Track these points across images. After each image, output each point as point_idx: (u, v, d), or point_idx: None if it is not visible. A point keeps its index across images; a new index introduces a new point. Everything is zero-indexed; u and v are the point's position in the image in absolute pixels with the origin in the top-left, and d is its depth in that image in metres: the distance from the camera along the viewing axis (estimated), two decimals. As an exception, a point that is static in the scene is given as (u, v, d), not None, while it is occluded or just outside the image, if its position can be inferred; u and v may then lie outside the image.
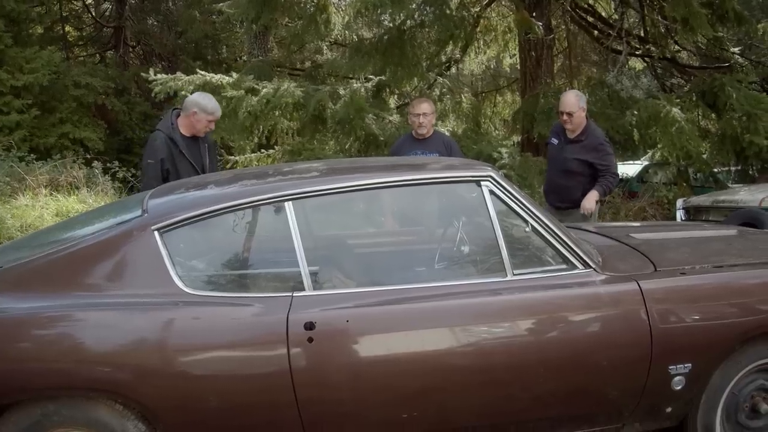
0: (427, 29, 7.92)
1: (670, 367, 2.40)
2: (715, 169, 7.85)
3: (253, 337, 2.17)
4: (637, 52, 8.57)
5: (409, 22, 8.00)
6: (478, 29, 9.62)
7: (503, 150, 7.34)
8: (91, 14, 15.36)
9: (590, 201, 4.20)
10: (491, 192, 2.38)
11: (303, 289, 2.22)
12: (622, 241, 2.93)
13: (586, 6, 8.98)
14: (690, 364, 2.42)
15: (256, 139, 8.02)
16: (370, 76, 8.18)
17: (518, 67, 12.63)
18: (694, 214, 6.53)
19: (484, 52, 11.43)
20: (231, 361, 2.16)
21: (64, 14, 14.22)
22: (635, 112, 7.44)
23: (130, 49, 14.50)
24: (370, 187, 2.34)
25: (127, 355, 2.12)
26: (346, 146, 7.94)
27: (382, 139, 7.43)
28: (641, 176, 9.26)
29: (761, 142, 6.78)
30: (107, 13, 15.53)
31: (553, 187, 4.57)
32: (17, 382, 2.10)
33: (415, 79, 8.17)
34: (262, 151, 8.27)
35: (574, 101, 4.35)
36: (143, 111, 12.80)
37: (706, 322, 2.43)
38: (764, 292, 2.51)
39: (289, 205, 2.27)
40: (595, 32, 8.96)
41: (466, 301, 2.29)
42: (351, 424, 2.22)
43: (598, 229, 3.24)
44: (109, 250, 2.25)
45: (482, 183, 2.39)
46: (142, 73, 7.72)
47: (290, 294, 2.21)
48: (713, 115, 7.47)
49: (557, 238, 2.41)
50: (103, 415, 2.16)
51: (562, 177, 4.43)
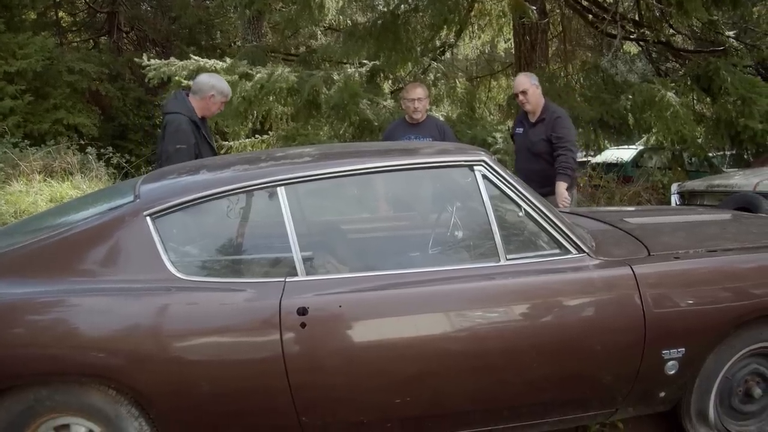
0: (421, 14, 7.85)
1: (664, 352, 2.40)
2: (710, 154, 7.82)
3: (246, 323, 2.15)
4: (632, 36, 8.50)
5: (403, 6, 7.93)
6: (473, 13, 9.54)
7: (498, 135, 7.30)
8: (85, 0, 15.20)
9: (562, 194, 4.04)
10: (484, 177, 2.36)
11: (296, 275, 2.20)
12: (616, 226, 2.91)
13: (581, -10, 8.92)
14: (683, 349, 2.41)
15: (250, 125, 7.96)
16: (365, 61, 8.13)
17: (513, 51, 12.62)
18: (689, 198, 6.52)
19: (479, 37, 11.34)
20: (224, 347, 2.14)
21: (57, 0, 14.07)
22: (630, 97, 7.41)
23: (124, 35, 14.36)
24: (363, 172, 2.31)
25: (120, 341, 2.10)
26: (341, 131, 7.90)
27: (376, 124, 7.39)
28: (636, 161, 9.25)
29: (756, 126, 6.76)
30: (100, -1, 15.37)
31: (527, 175, 4.40)
32: (10, 368, 2.08)
33: (410, 63, 8.11)
34: (256, 136, 8.22)
35: (525, 80, 4.37)
36: (137, 97, 12.71)
37: (699, 306, 2.43)
38: (759, 276, 2.50)
39: (281, 191, 2.25)
40: (590, 16, 8.89)
41: (460, 286, 2.27)
42: (344, 409, 2.21)
43: (592, 214, 3.22)
44: (102, 236, 2.22)
45: (475, 168, 2.37)
46: (136, 59, 7.64)
47: (283, 279, 2.19)
48: (708, 99, 7.43)
49: (550, 223, 2.40)
50: (96, 401, 2.16)
51: (532, 161, 4.33)
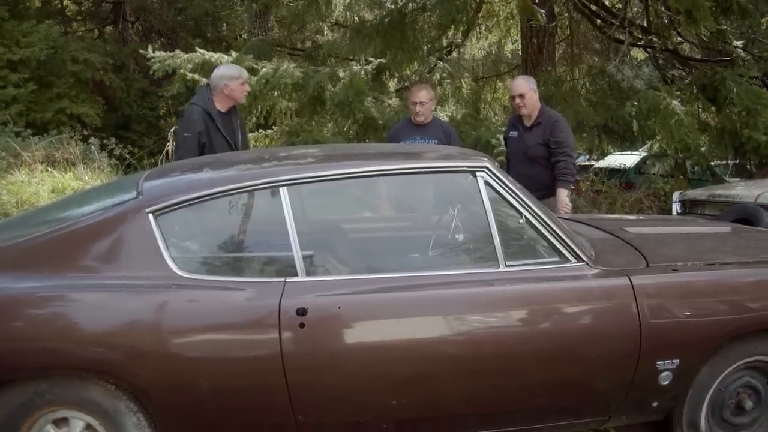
0: (429, 13, 7.87)
1: (658, 363, 2.43)
2: (712, 163, 7.84)
3: (245, 322, 2.18)
4: (640, 43, 8.51)
5: (411, 5, 7.94)
6: (480, 14, 9.55)
7: (501, 136, 7.32)
8: (91, -12, 15.20)
9: (563, 200, 4.05)
10: (486, 183, 2.39)
11: (296, 275, 2.23)
12: (616, 235, 2.94)
13: (590, -6, 8.93)
14: (678, 360, 2.44)
15: (254, 119, 7.98)
16: (371, 59, 8.15)
17: (519, 53, 12.63)
18: (690, 207, 6.53)
19: (486, 38, 11.35)
20: (223, 345, 2.17)
21: (63, -12, 14.10)
22: (635, 103, 7.44)
23: (129, 25, 14.37)
24: (366, 174, 2.33)
25: (120, 337, 2.13)
26: (345, 128, 7.93)
27: (381, 122, 7.42)
28: (639, 167, 9.26)
29: (759, 138, 6.77)
30: (107, -12, 15.37)
31: (522, 179, 4.45)
32: (11, 361, 2.11)
33: (416, 63, 8.12)
34: (260, 131, 8.24)
35: (523, 83, 4.34)
36: (141, 87, 12.73)
37: (696, 318, 2.45)
38: (755, 290, 2.52)
39: (284, 191, 2.28)
40: (598, 21, 8.90)
41: (458, 291, 2.30)
42: (340, 409, 2.24)
43: (592, 222, 3.25)
44: (104, 232, 2.25)
45: (477, 174, 2.39)
46: (141, 50, 7.66)
47: (283, 279, 2.22)
48: (713, 109, 7.44)
49: (550, 231, 2.42)
50: (96, 395, 2.18)
51: (527, 165, 4.29)
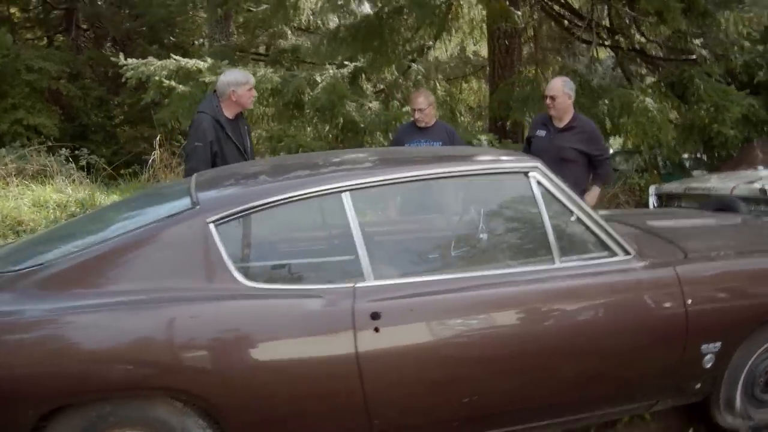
0: (405, 16, 7.96)
1: (702, 347, 2.56)
2: (685, 156, 8.18)
3: (320, 329, 2.18)
4: (606, 43, 8.81)
5: (386, 8, 8.02)
6: (450, 16, 9.71)
7: (482, 137, 7.47)
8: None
9: (593, 198, 4.29)
10: (538, 183, 2.47)
11: (364, 279, 2.25)
12: (643, 229, 3.07)
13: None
14: (720, 343, 2.58)
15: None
16: (346, 62, 8.18)
17: (482, 54, 12.86)
18: (667, 201, 6.80)
19: (449, 40, 11.52)
20: (298, 353, 2.16)
21: (8, -6, 13.58)
22: (607, 102, 7.70)
23: (82, 32, 13.93)
24: (425, 178, 2.38)
25: (190, 351, 2.10)
26: (324, 133, 7.93)
27: (362, 125, 7.47)
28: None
29: (728, 132, 7.12)
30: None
31: None
32: (72, 383, 2.04)
33: (394, 66, 8.20)
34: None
35: (559, 85, 4.42)
36: (99, 96, 12.37)
37: (734, 303, 2.61)
38: None
39: (346, 196, 2.30)
40: (566, 22, 9.16)
41: (521, 288, 2.37)
42: (415, 411, 2.27)
43: (616, 217, 3.37)
44: (163, 244, 2.21)
45: (530, 174, 2.47)
46: (112, 58, 7.48)
47: (352, 285, 2.23)
48: (681, 105, 7.76)
49: (600, 227, 2.52)
50: (162, 414, 2.14)
51: (558, 166, 4.45)
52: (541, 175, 2.48)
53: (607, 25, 9.18)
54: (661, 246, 2.78)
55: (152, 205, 2.56)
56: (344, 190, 2.30)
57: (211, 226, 2.22)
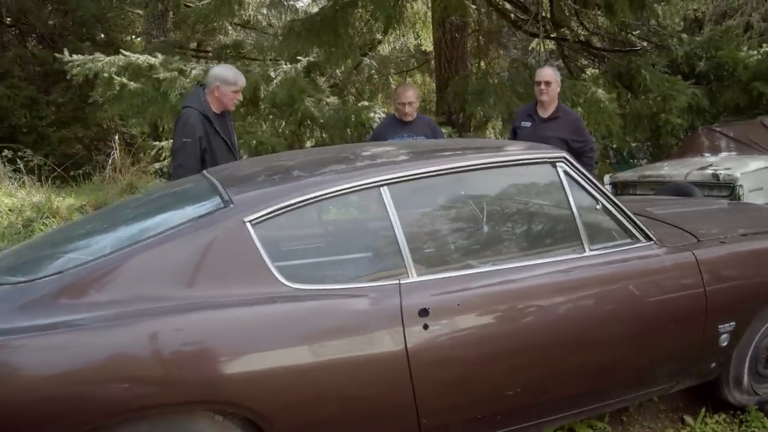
0: (360, 9, 7.88)
1: (720, 326, 2.67)
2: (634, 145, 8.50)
3: (368, 328, 2.11)
4: (553, 35, 9.01)
5: (341, 0, 7.91)
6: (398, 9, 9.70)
7: (444, 130, 7.49)
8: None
9: None
10: (565, 172, 2.49)
11: (408, 276, 2.20)
12: (647, 216, 3.14)
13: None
14: (734, 322, 2.69)
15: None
16: (299, 57, 8.03)
17: (423, 48, 12.93)
18: (622, 189, 7.05)
19: (401, 33, 11.53)
20: (346, 354, 2.09)
21: None
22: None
23: (6, 29, 13.07)
24: (462, 169, 2.37)
25: (234, 360, 1.98)
26: (280, 129, 7.76)
27: (322, 121, 7.35)
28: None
29: (675, 121, 7.45)
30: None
31: None
32: (107, 404, 1.86)
33: (349, 60, 8.11)
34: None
35: (551, 72, 4.53)
36: (29, 95, 11.66)
37: (744, 283, 2.73)
38: None
39: (385, 190, 2.24)
40: (512, 15, 9.31)
41: (559, 278, 2.39)
42: (464, 407, 2.25)
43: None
44: (197, 246, 2.07)
45: (557, 164, 2.49)
46: (57, 54, 7.06)
47: (397, 281, 2.18)
48: (627, 95, 8.04)
49: (624, 214, 2.57)
50: (203, 428, 2.01)
51: None
52: (568, 165, 2.50)
53: (547, 16, 9.39)
54: (672, 231, 2.86)
55: (175, 206, 2.42)
56: (383, 184, 2.24)
57: (249, 226, 2.11)
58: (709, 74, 8.58)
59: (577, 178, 2.51)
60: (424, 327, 2.14)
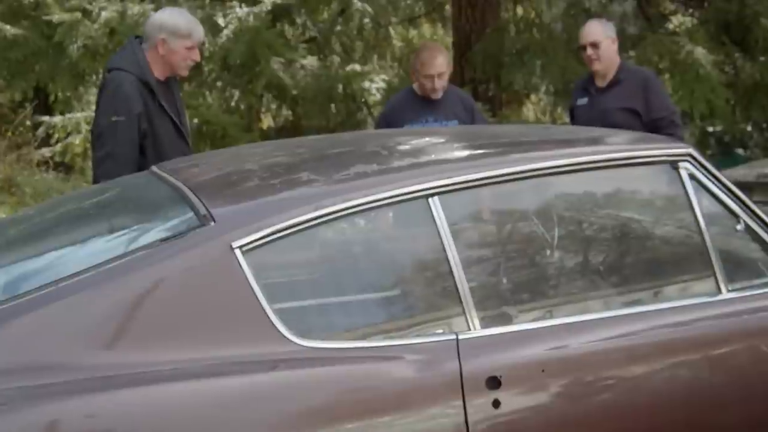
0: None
1: None
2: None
3: (410, 404, 2.12)
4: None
5: None
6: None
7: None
8: None
9: None
10: (692, 176, 2.50)
11: (469, 328, 2.21)
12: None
13: None
14: None
15: (94, 89, 7.66)
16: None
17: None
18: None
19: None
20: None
21: None
22: (634, 54, 7.95)
23: None
24: (543, 172, 2.35)
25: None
26: (233, 102, 7.81)
27: (295, 92, 7.39)
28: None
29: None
30: None
31: None
32: None
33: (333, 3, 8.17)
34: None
35: (597, 28, 4.58)
36: None
37: None
38: None
39: (435, 202, 2.24)
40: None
41: (683, 332, 2.41)
42: None
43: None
44: (161, 284, 2.06)
45: (680, 164, 2.50)
46: None
47: (453, 337, 2.18)
48: (740, 57, 8.09)
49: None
50: None
51: None
52: (695, 166, 2.51)
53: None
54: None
55: (117, 223, 2.42)
56: (432, 194, 2.25)
57: (238, 253, 2.08)
58: None
59: (710, 186, 2.52)
60: (494, 404, 2.14)
